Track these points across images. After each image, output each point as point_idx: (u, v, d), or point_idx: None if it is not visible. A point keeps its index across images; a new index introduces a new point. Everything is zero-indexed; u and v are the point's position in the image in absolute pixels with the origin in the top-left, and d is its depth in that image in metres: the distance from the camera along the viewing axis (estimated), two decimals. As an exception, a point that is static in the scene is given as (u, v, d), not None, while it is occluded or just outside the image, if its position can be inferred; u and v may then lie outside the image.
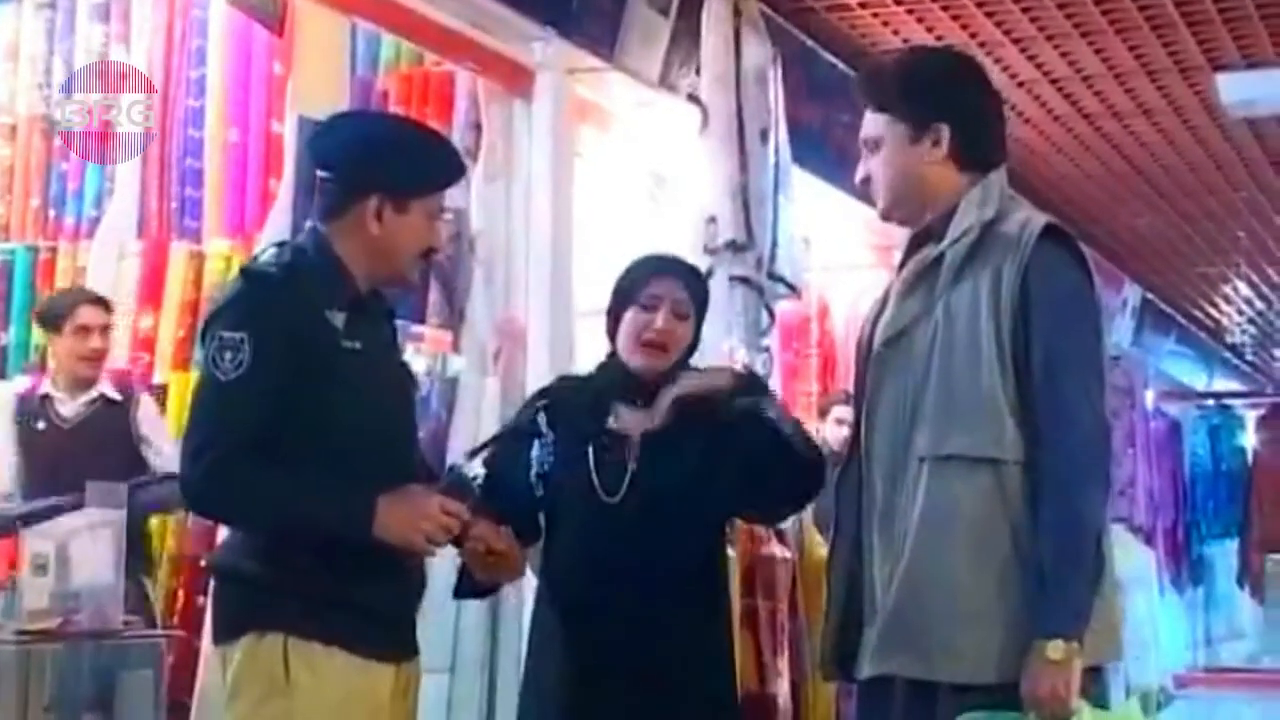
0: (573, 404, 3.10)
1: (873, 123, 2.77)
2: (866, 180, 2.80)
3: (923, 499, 2.58)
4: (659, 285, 3.07)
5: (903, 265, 2.79)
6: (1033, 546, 2.53)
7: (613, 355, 3.13)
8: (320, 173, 2.80)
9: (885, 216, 2.82)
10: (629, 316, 3.06)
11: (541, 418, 3.08)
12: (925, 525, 2.57)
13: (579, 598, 3.01)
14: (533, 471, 3.04)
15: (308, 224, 2.83)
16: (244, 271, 2.75)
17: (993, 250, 2.63)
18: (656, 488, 2.98)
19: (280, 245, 2.80)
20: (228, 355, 2.55)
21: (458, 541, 2.78)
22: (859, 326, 2.91)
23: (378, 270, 2.74)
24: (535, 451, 3.05)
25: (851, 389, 2.95)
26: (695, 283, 3.16)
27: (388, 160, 2.72)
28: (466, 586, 3.03)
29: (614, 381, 3.09)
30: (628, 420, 3.05)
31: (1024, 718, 2.49)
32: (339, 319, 2.64)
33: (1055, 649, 2.47)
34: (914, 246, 2.77)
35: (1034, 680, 2.48)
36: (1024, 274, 2.58)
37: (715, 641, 3.09)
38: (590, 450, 3.02)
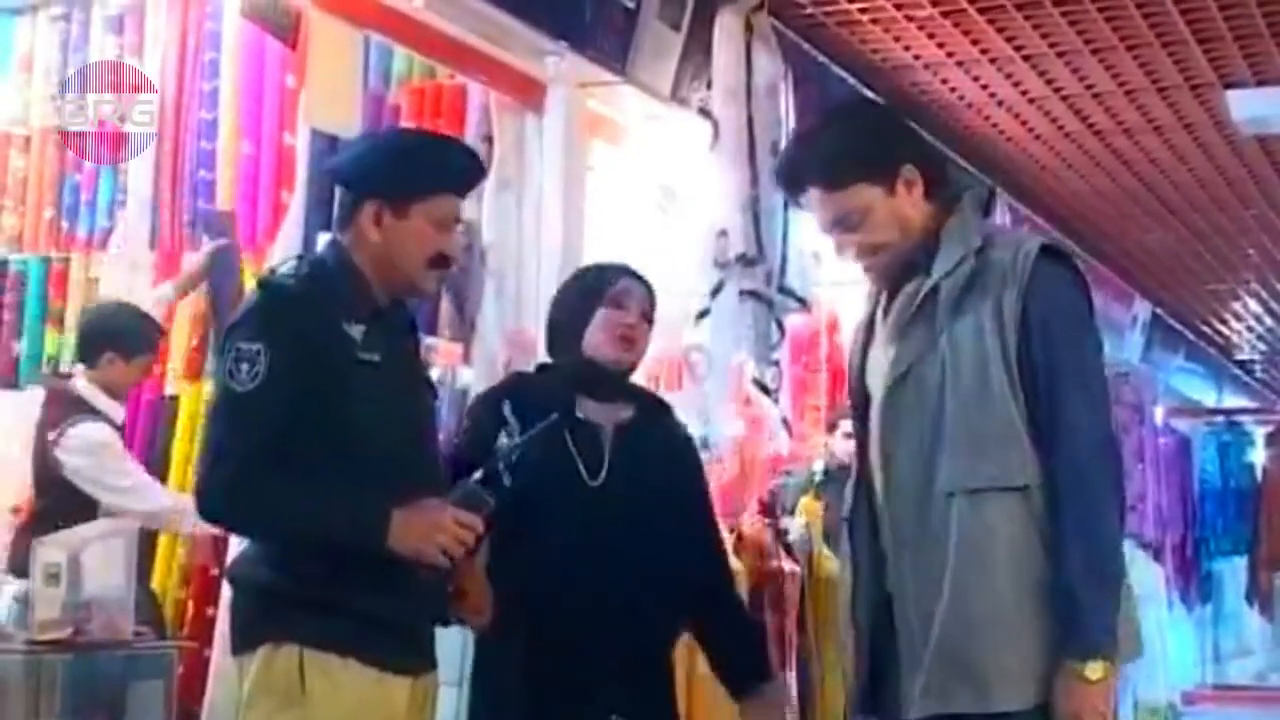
0: (538, 395, 3.07)
1: (844, 199, 2.69)
2: (858, 256, 2.73)
3: (956, 533, 2.55)
4: (629, 285, 3.16)
5: (890, 299, 2.76)
6: (1059, 564, 2.52)
7: (566, 353, 3.15)
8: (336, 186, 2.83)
9: (884, 274, 2.76)
10: (602, 313, 3.12)
11: (506, 407, 3.04)
12: (963, 559, 2.54)
13: (568, 581, 2.98)
14: (499, 461, 2.93)
15: (329, 236, 2.84)
16: (261, 283, 2.76)
17: (990, 278, 2.62)
18: (633, 474, 3.04)
19: (300, 257, 2.81)
20: (244, 366, 2.56)
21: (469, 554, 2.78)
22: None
23: (389, 279, 2.73)
24: (502, 440, 2.98)
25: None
26: (653, 296, 3.22)
27: (383, 165, 2.73)
28: None
29: (577, 375, 3.11)
30: (594, 412, 3.09)
31: None
32: (357, 331, 2.64)
33: (1094, 669, 2.47)
34: (896, 280, 2.74)
35: (1074, 701, 2.48)
36: (1024, 296, 2.58)
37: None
38: (569, 436, 3.03)
